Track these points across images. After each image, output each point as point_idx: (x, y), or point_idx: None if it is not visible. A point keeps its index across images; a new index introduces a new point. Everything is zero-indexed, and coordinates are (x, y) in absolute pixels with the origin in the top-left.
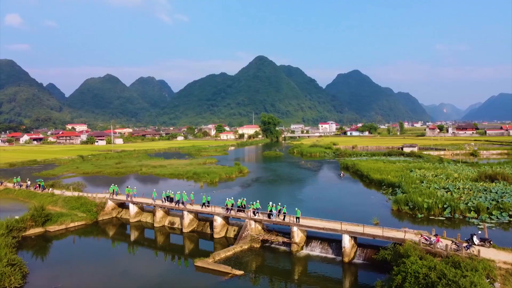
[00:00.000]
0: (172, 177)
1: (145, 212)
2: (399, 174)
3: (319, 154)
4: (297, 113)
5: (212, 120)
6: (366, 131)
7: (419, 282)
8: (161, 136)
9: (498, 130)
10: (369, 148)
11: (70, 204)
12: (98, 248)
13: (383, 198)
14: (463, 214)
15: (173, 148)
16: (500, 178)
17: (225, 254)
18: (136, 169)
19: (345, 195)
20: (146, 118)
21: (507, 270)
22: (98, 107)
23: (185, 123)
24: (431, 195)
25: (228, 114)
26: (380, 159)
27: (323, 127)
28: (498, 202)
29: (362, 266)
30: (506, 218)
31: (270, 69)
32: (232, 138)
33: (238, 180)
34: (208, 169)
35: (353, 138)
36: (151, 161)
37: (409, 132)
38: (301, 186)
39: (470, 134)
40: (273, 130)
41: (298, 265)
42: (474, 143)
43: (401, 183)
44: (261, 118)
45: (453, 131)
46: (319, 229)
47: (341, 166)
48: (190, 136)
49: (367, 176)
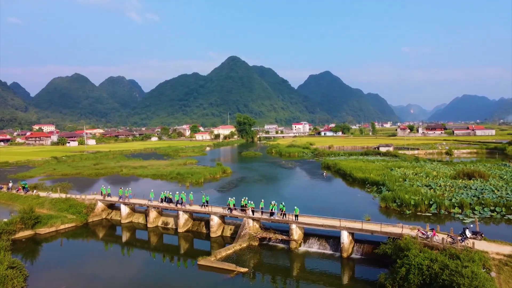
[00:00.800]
0: (155, 178)
1: (137, 213)
2: (381, 173)
3: (297, 154)
4: (270, 113)
5: (184, 120)
6: (340, 131)
7: (423, 273)
8: (135, 136)
9: (465, 130)
10: (345, 148)
11: (58, 206)
12: (93, 250)
13: (369, 196)
14: (448, 210)
15: (149, 149)
16: (477, 175)
17: (226, 253)
18: (116, 170)
19: (332, 194)
20: (117, 119)
21: (500, 260)
22: (66, 107)
23: (157, 124)
24: (417, 192)
25: (201, 114)
26: (359, 158)
27: (296, 127)
28: (479, 198)
29: (360, 261)
30: (488, 213)
31: (243, 70)
32: (207, 139)
33: (223, 180)
34: (191, 169)
35: (327, 138)
36: (129, 162)
37: (380, 132)
38: (288, 185)
39: (439, 134)
40: (249, 131)
41: (298, 261)
42: (445, 142)
43: (385, 182)
44: (236, 118)
45: (423, 131)
46: (318, 226)
47: (322, 165)
48: (165, 136)
49: (350, 175)
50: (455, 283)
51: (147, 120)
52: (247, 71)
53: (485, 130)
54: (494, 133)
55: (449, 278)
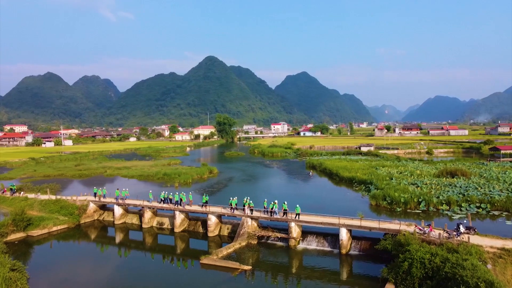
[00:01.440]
0: (141, 179)
1: (130, 214)
2: (367, 172)
3: (280, 154)
4: (248, 113)
5: (161, 120)
6: (319, 132)
7: (425, 267)
8: (112, 137)
9: (439, 130)
10: (325, 148)
11: (48, 207)
12: (89, 252)
13: (358, 195)
14: (436, 207)
15: (129, 149)
16: (460, 174)
17: (226, 251)
18: (99, 171)
19: (321, 193)
20: (91, 119)
21: (495, 253)
22: (38, 107)
23: (133, 124)
24: (405, 190)
25: (178, 114)
26: (342, 158)
27: (275, 127)
28: (464, 195)
29: (358, 257)
30: (474, 209)
31: (220, 70)
32: (187, 139)
33: (210, 180)
34: (176, 170)
35: (307, 138)
36: (112, 163)
37: (358, 133)
38: (277, 185)
39: (415, 134)
40: (229, 131)
41: (298, 258)
42: (423, 142)
43: (372, 180)
44: (216, 118)
45: (399, 131)
46: (317, 224)
47: (307, 165)
48: (143, 137)
49: (336, 174)
50: (458, 275)
51: (123, 120)
52: (225, 71)
53: (459, 130)
54: (467, 133)
55: (451, 271)
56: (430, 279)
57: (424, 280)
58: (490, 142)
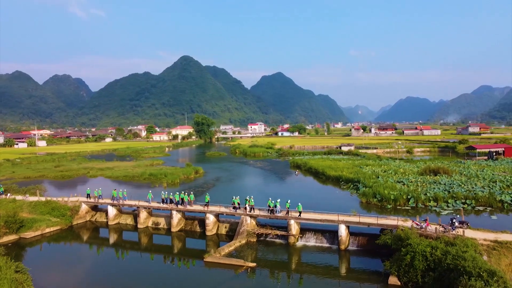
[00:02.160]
0: (126, 180)
1: (124, 214)
2: (353, 171)
3: (262, 154)
4: (224, 114)
5: (136, 121)
6: (296, 132)
7: (427, 259)
8: (88, 138)
9: (413, 130)
10: (305, 148)
11: (39, 209)
12: (86, 253)
13: (346, 193)
14: (424, 203)
15: (107, 150)
16: (442, 172)
17: (228, 249)
18: (81, 172)
19: (311, 191)
20: (63, 119)
21: (488, 245)
22: (6, 107)
23: (107, 124)
24: (394, 188)
25: (153, 114)
26: (324, 157)
27: (252, 128)
28: (450, 192)
29: (356, 252)
30: (460, 205)
31: (196, 70)
32: (165, 139)
33: (198, 180)
34: (161, 170)
35: (285, 138)
36: (92, 164)
37: (335, 133)
38: (266, 184)
39: (390, 134)
40: (207, 131)
41: (299, 255)
42: (400, 142)
43: (360, 179)
44: (194, 119)
45: (375, 131)
46: (316, 221)
47: (291, 164)
48: (120, 137)
49: (323, 173)
50: (460, 266)
51: (96, 120)
52: (200, 71)
53: (432, 130)
54: (439, 133)
55: (453, 262)
56: (432, 270)
57: (426, 272)
58: (465, 141)
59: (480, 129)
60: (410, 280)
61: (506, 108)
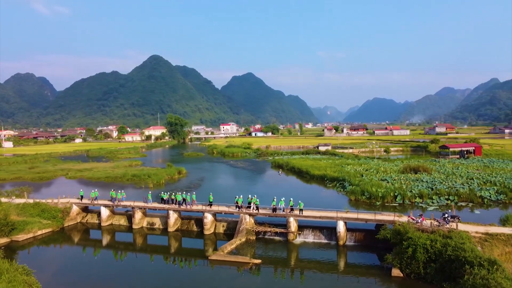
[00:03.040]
0: (109, 180)
1: (117, 215)
2: (336, 170)
3: (240, 154)
4: (195, 114)
5: (104, 121)
6: (270, 132)
7: (427, 251)
8: (56, 138)
9: (383, 130)
10: (282, 148)
11: (28, 211)
12: (84, 255)
13: (333, 192)
14: (410, 200)
15: (79, 151)
16: (422, 170)
17: (230, 247)
18: (59, 173)
19: (297, 190)
20: (26, 119)
21: (480, 237)
22: None
23: (73, 125)
24: (380, 186)
25: (122, 115)
26: (304, 157)
27: (224, 128)
28: (433, 189)
29: (354, 247)
30: (444, 201)
31: (166, 69)
32: (138, 140)
33: (182, 180)
34: (142, 171)
35: (260, 138)
36: (68, 165)
37: (307, 133)
38: (252, 183)
39: (361, 134)
40: (180, 131)
41: (299, 251)
42: (374, 142)
43: (345, 178)
44: (167, 119)
45: (347, 131)
46: (316, 218)
47: (273, 164)
48: (90, 138)
49: (307, 173)
50: (461, 256)
51: (62, 121)
52: (170, 71)
53: (401, 130)
54: (408, 133)
55: (454, 253)
56: (433, 262)
57: (427, 263)
58: (436, 141)
59: (447, 129)
60: (412, 272)
61: (467, 109)
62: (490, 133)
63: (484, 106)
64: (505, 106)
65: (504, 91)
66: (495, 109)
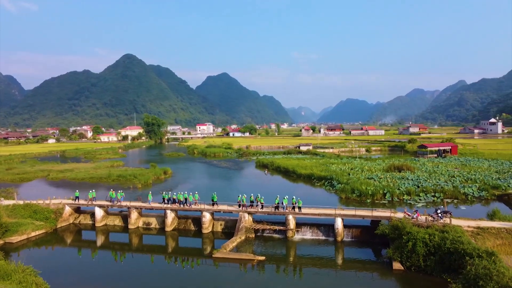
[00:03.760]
0: (94, 181)
1: (111, 216)
2: (323, 169)
3: (222, 154)
4: (170, 114)
5: (75, 121)
6: (247, 132)
7: (427, 245)
8: (28, 139)
9: (359, 130)
10: (262, 148)
11: (19, 212)
12: (80, 257)
13: (321, 190)
14: (398, 197)
15: (54, 152)
16: (406, 168)
17: (232, 245)
18: (40, 174)
19: (288, 188)
20: None
21: (473, 231)
22: None
23: (43, 125)
24: (369, 184)
25: (94, 115)
26: (286, 157)
27: (201, 128)
28: (419, 187)
29: (351, 243)
30: (430, 198)
31: (140, 69)
32: (114, 140)
33: (169, 181)
34: (126, 171)
35: (238, 138)
36: (47, 166)
37: (284, 133)
38: (241, 182)
39: (338, 134)
40: (157, 132)
41: (298, 248)
42: (354, 141)
43: (333, 176)
44: (144, 119)
45: (324, 131)
46: (314, 215)
47: (257, 164)
48: (64, 138)
49: (294, 172)
50: (460, 249)
51: (31, 121)
52: (144, 70)
53: (376, 131)
54: (383, 133)
55: (452, 246)
56: (432, 255)
57: (427, 256)
58: (413, 141)
59: (420, 129)
60: (412, 265)
61: (437, 110)
62: (460, 133)
63: (453, 107)
64: (472, 107)
65: (471, 93)
66: (462, 110)
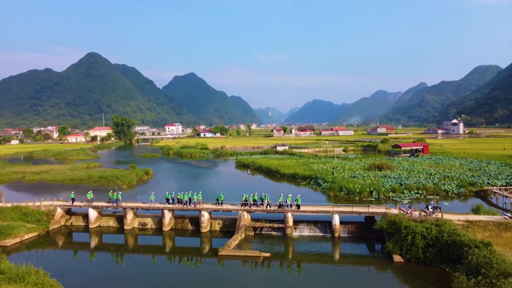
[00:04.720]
0: (74, 183)
1: (104, 217)
2: (306, 168)
3: (198, 154)
4: (136, 114)
5: (36, 121)
6: (218, 133)
7: (425, 238)
8: None
9: (330, 131)
10: (237, 148)
11: (8, 215)
12: (78, 258)
13: (307, 189)
14: (384, 195)
15: (21, 153)
16: (385, 167)
17: (234, 243)
18: (14, 176)
19: (275, 188)
20: None
21: (463, 225)
22: None
23: (2, 125)
24: (356, 182)
25: (57, 115)
26: (264, 157)
27: (170, 129)
28: (402, 184)
29: (348, 238)
30: (414, 195)
31: (105, 68)
32: (82, 141)
33: (151, 181)
34: (105, 172)
35: (210, 139)
36: (19, 168)
37: (255, 133)
38: (227, 182)
39: (309, 135)
40: (127, 132)
41: (297, 244)
42: (328, 142)
43: (317, 175)
44: (113, 119)
45: (295, 132)
46: (313, 212)
47: (237, 164)
48: (28, 139)
49: (277, 172)
50: (458, 240)
51: None
52: (109, 70)
53: (346, 131)
54: (352, 133)
55: (450, 238)
56: (431, 247)
57: (426, 248)
58: (385, 140)
59: (387, 130)
60: (412, 257)
61: (399, 111)
62: (425, 133)
63: (414, 108)
64: (433, 108)
65: (431, 95)
66: (424, 111)
